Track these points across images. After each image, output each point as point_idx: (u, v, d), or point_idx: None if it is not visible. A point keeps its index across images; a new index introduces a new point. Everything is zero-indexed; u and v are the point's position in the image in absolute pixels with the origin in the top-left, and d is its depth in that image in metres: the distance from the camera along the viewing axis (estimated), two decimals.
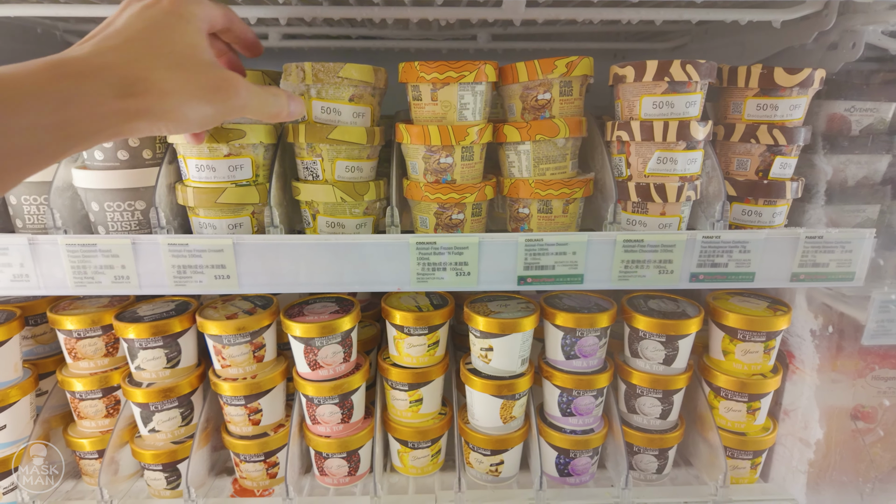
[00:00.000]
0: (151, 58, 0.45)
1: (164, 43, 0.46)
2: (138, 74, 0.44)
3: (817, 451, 0.84)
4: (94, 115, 0.42)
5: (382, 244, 0.69)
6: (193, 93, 0.47)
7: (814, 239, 0.70)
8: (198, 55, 0.49)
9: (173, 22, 0.48)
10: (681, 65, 0.67)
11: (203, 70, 0.49)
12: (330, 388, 0.84)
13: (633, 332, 0.86)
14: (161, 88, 0.45)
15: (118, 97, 0.43)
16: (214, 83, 0.49)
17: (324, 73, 0.66)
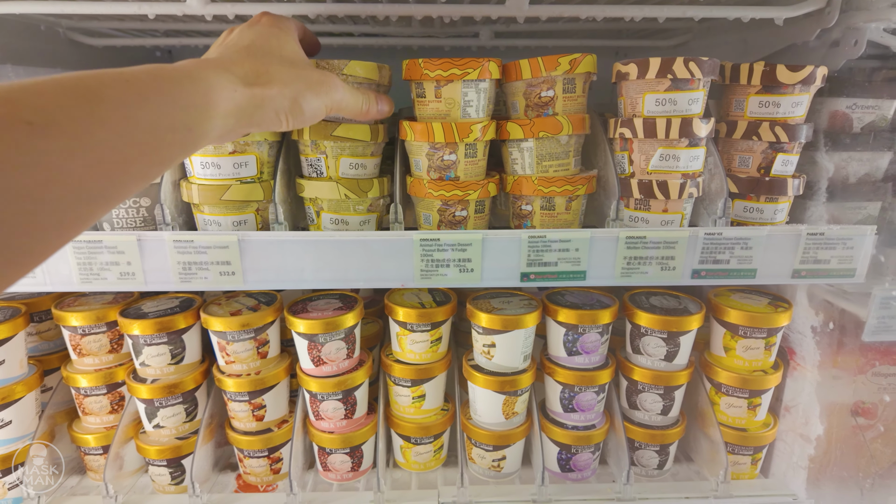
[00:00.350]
0: (269, 58, 0.52)
1: (273, 48, 0.54)
2: (261, 69, 0.50)
3: (818, 447, 0.85)
4: (229, 102, 0.46)
5: (386, 241, 0.69)
6: (307, 86, 0.54)
7: (815, 236, 0.70)
8: (300, 57, 0.57)
9: (276, 33, 0.56)
10: (683, 62, 0.68)
11: (308, 68, 0.56)
12: (333, 384, 0.84)
13: (634, 329, 0.87)
14: (281, 80, 0.51)
15: (247, 85, 0.48)
16: (319, 79, 0.56)
17: (328, 70, 0.67)
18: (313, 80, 0.55)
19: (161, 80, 0.41)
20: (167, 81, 0.41)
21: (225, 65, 0.48)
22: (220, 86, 0.45)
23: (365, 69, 0.68)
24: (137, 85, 0.38)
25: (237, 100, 0.47)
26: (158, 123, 0.39)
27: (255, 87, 0.49)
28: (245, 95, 0.47)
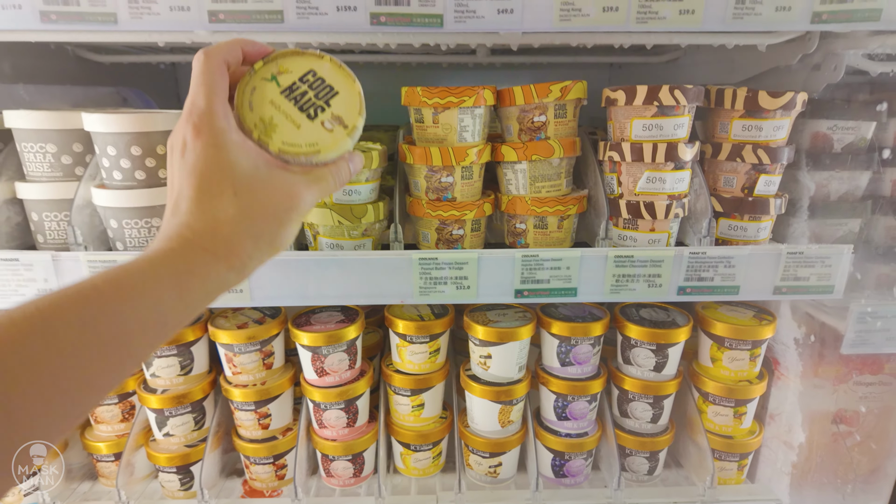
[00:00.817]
0: (224, 210, 0.44)
1: (224, 188, 0.44)
2: (227, 231, 0.44)
3: (800, 454, 0.88)
4: (207, 284, 0.43)
5: (387, 260, 0.73)
6: (277, 222, 0.46)
7: (795, 255, 0.74)
8: (253, 186, 0.45)
9: (216, 156, 0.45)
10: (669, 90, 0.71)
11: (268, 186, 0.46)
12: (336, 394, 0.88)
13: (625, 341, 0.90)
14: (252, 233, 0.45)
15: (221, 259, 0.43)
16: (286, 201, 0.46)
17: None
18: (278, 209, 0.46)
19: (122, 285, 0.39)
20: (129, 286, 0.39)
21: (183, 249, 0.42)
22: (184, 275, 0.41)
23: (338, 148, 0.52)
24: (97, 299, 0.37)
25: (213, 280, 0.43)
26: (126, 331, 0.38)
27: (227, 257, 0.43)
28: (219, 273, 0.43)
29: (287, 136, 0.49)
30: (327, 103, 0.51)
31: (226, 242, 0.43)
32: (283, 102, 0.50)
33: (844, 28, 0.67)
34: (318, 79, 0.51)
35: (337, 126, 0.51)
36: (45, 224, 0.78)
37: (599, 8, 0.64)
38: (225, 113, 0.46)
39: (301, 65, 0.51)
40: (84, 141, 0.78)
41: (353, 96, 0.52)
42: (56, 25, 0.62)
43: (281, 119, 0.49)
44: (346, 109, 0.51)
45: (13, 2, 0.61)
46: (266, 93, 0.50)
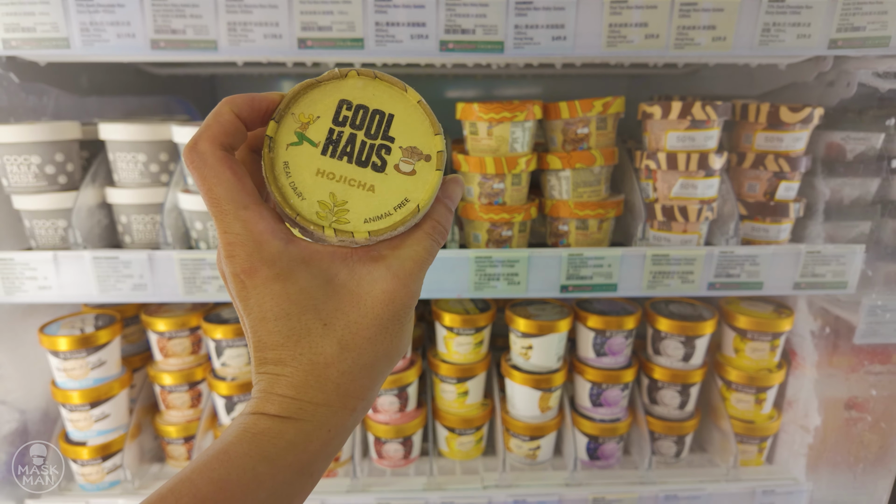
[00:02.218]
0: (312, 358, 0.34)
1: (302, 329, 0.34)
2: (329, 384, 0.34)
3: (815, 437, 0.97)
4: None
5: (446, 258, 0.81)
6: (387, 352, 0.35)
7: (813, 253, 0.82)
8: (342, 300, 0.34)
9: (280, 295, 0.33)
10: (701, 106, 0.79)
11: (367, 313, 0.34)
12: (390, 381, 0.96)
13: (655, 333, 0.98)
14: (367, 387, 0.35)
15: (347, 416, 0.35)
16: (388, 316, 0.35)
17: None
18: (382, 315, 0.34)
19: (231, 487, 0.31)
20: (241, 486, 0.31)
21: (297, 402, 0.33)
22: (303, 443, 0.33)
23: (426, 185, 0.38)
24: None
25: (330, 442, 0.34)
26: None
27: (340, 411, 0.34)
28: (336, 432, 0.34)
29: (367, 210, 0.35)
30: (387, 137, 0.36)
31: (337, 387, 0.34)
32: (332, 166, 0.35)
33: (857, 53, 0.75)
34: (358, 108, 0.36)
35: (417, 161, 0.36)
36: (134, 226, 0.87)
37: (643, 35, 0.72)
38: (271, 230, 0.33)
39: (325, 99, 0.35)
40: (169, 150, 0.86)
41: (415, 111, 0.36)
42: (163, 52, 0.70)
43: (344, 191, 0.35)
44: (416, 132, 0.36)
45: (128, 31, 0.69)
46: (303, 164, 0.35)
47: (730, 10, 0.72)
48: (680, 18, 0.72)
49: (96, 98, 1.12)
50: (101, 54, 0.70)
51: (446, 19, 0.71)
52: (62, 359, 0.89)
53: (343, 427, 0.34)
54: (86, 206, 0.83)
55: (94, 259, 0.79)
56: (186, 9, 0.69)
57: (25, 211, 0.83)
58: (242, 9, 0.69)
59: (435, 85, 1.43)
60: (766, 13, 0.72)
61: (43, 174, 0.81)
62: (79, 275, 0.79)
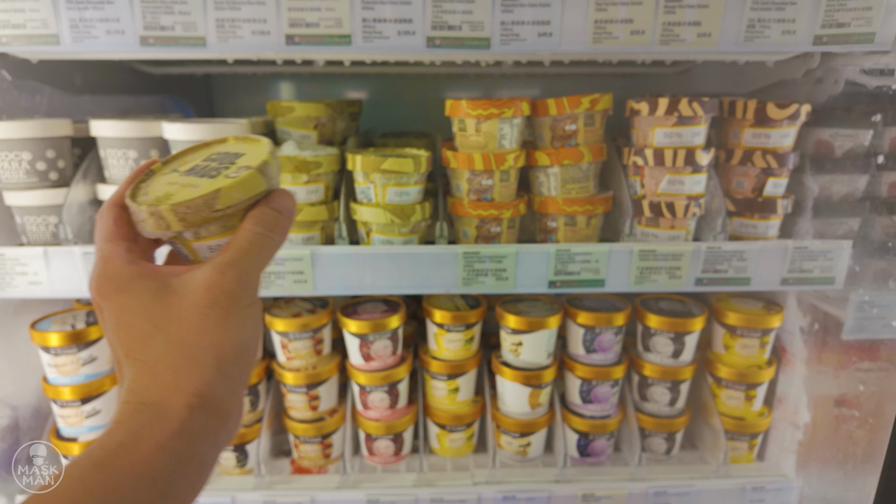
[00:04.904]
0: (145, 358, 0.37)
1: (138, 335, 0.37)
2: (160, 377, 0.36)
3: (805, 433, 0.97)
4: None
5: (435, 254, 0.81)
6: (209, 348, 0.37)
7: (800, 249, 0.82)
8: (168, 304, 0.37)
9: (119, 305, 0.38)
10: (688, 102, 0.80)
11: (188, 311, 0.37)
12: (380, 377, 0.96)
13: (645, 329, 0.99)
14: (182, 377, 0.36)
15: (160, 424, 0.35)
16: (212, 311, 0.37)
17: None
18: (205, 310, 0.37)
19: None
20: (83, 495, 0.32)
21: (134, 405, 0.35)
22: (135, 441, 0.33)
23: (250, 186, 0.41)
24: None
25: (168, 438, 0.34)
26: None
27: (172, 403, 0.35)
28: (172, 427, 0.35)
29: (180, 197, 0.40)
30: (232, 162, 0.44)
31: (167, 383, 0.36)
32: (181, 180, 0.43)
33: (842, 49, 0.75)
34: (221, 155, 0.46)
35: (242, 170, 0.42)
36: None
37: (628, 32, 0.72)
38: (120, 255, 0.39)
39: (202, 153, 0.47)
40: (160, 147, 0.86)
41: (263, 149, 0.45)
42: (153, 49, 0.71)
43: (177, 190, 0.41)
44: (253, 158, 0.43)
45: (117, 27, 0.70)
46: (163, 181, 0.44)
47: (715, 6, 0.72)
48: (665, 14, 0.72)
49: (90, 97, 1.13)
50: (90, 51, 0.71)
51: (433, 16, 0.71)
52: (53, 355, 0.89)
53: (184, 427, 0.34)
54: (77, 202, 0.83)
55: (85, 255, 0.79)
56: (175, 5, 0.69)
57: (16, 207, 0.83)
58: (230, 5, 0.70)
59: (427, 85, 1.43)
60: (751, 9, 0.72)
61: (34, 170, 0.82)
62: (69, 270, 0.79)
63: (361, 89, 1.49)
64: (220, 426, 0.37)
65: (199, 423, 0.35)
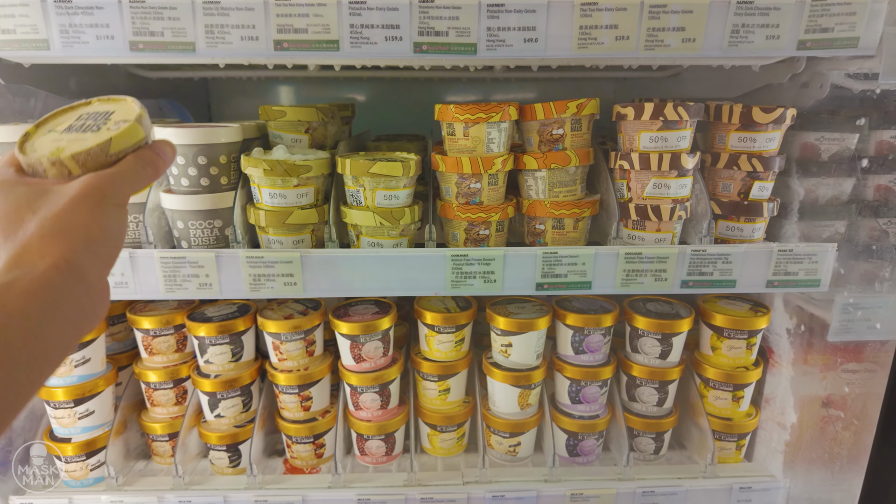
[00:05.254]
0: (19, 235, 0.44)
1: (14, 218, 0.45)
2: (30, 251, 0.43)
3: (792, 434, 0.98)
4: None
5: (423, 257, 0.82)
6: (80, 231, 0.45)
7: (785, 252, 0.83)
8: (48, 199, 0.46)
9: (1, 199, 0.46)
10: (673, 107, 0.81)
11: (61, 202, 0.46)
12: (372, 378, 0.97)
13: (633, 331, 0.99)
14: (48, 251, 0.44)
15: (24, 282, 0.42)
16: (81, 202, 0.46)
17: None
18: (81, 203, 0.46)
19: None
20: None
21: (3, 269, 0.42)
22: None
23: (130, 136, 0.53)
24: None
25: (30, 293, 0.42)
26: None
27: (40, 267, 0.42)
28: (35, 284, 0.42)
29: (76, 147, 0.49)
30: (107, 119, 0.53)
31: (33, 256, 0.43)
32: (64, 137, 0.51)
33: (826, 54, 0.76)
34: (92, 114, 0.55)
35: (121, 124, 0.52)
36: None
37: (613, 37, 0.73)
38: (12, 172, 0.49)
39: (71, 115, 0.55)
40: None
41: (129, 105, 0.55)
42: (142, 54, 0.71)
43: (66, 144, 0.50)
44: (126, 114, 0.53)
45: (107, 32, 0.71)
46: (46, 140, 0.52)
47: (699, 11, 0.73)
48: (650, 20, 0.73)
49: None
50: (80, 56, 0.72)
51: (420, 22, 0.72)
52: None
53: (50, 282, 0.42)
54: None
55: None
56: (164, 11, 0.70)
57: None
58: (219, 11, 0.70)
59: (420, 88, 1.44)
60: (735, 14, 0.73)
61: None
62: None
63: (355, 92, 1.50)
64: (84, 292, 0.45)
65: (65, 283, 0.43)
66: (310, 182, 0.83)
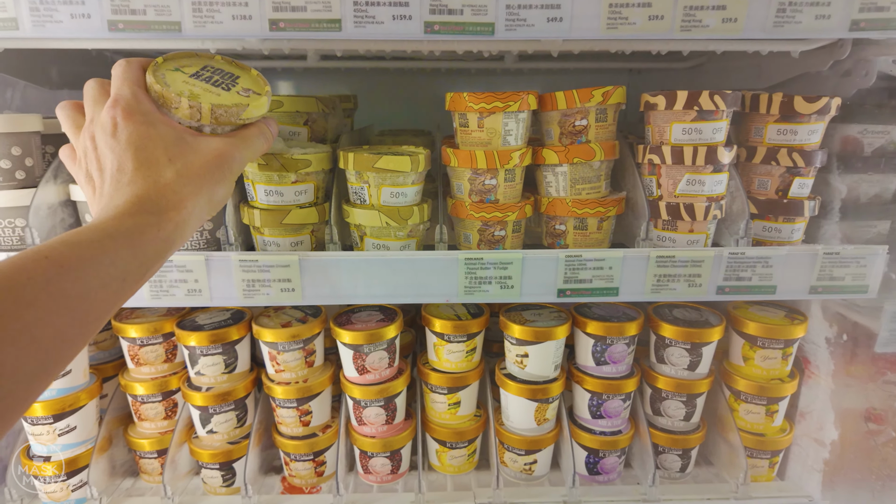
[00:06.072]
0: (161, 169, 0.50)
1: (158, 153, 0.51)
2: (166, 189, 0.50)
3: (832, 451, 0.90)
4: (153, 242, 0.48)
5: (434, 260, 0.75)
6: (211, 178, 0.53)
7: (831, 255, 0.76)
8: (185, 152, 0.52)
9: (146, 129, 0.51)
10: (709, 95, 0.73)
11: (198, 149, 0.53)
12: (376, 391, 0.90)
13: (659, 340, 0.92)
14: (188, 190, 0.51)
15: (164, 218, 0.49)
16: (216, 159, 0.54)
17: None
18: (210, 169, 0.53)
19: (79, 246, 0.43)
20: (85, 247, 0.43)
21: (131, 212, 0.47)
22: (136, 234, 0.46)
23: (259, 108, 0.60)
24: (57, 259, 0.41)
25: (162, 238, 0.48)
26: (88, 287, 0.42)
27: (169, 216, 0.49)
28: (165, 229, 0.48)
29: (214, 99, 0.55)
30: (234, 82, 0.59)
31: (168, 203, 0.49)
32: (195, 83, 0.57)
33: (881, 36, 0.69)
34: (217, 69, 0.60)
35: (251, 94, 0.59)
36: None
37: (646, 17, 0.66)
38: (148, 99, 0.54)
39: (196, 62, 0.60)
40: None
41: (254, 77, 0.62)
42: (122, 34, 0.64)
43: (200, 91, 0.56)
44: (253, 84, 0.60)
45: (82, 10, 0.63)
46: (177, 78, 0.57)
47: None
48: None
49: (69, 92, 1.06)
50: (53, 37, 0.64)
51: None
52: None
53: (164, 234, 0.49)
54: (46, 203, 0.77)
55: None
56: None
57: None
58: None
59: (425, 80, 1.37)
60: None
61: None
62: None
63: (357, 85, 1.42)
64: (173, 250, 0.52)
65: (179, 238, 0.51)
66: (309, 178, 0.75)
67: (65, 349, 0.41)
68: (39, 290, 0.39)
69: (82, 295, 0.41)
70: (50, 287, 0.39)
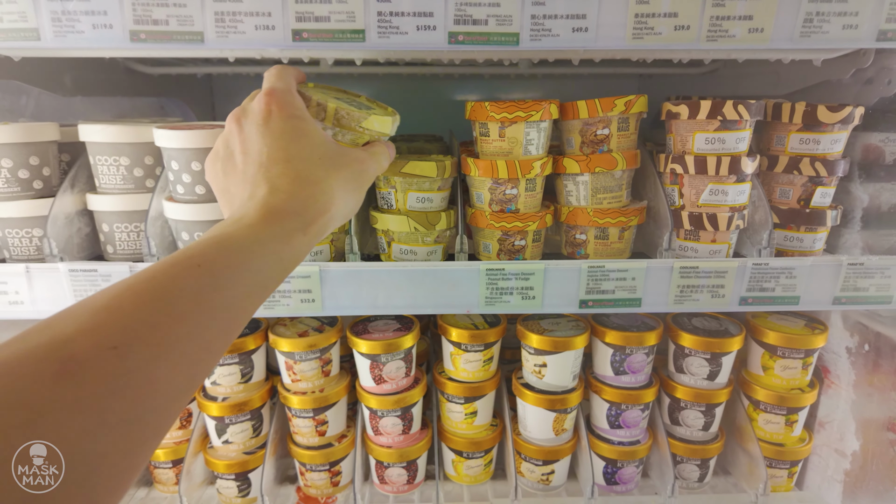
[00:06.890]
0: (309, 174, 0.49)
1: (306, 154, 0.49)
2: (309, 196, 0.48)
3: (853, 462, 0.89)
4: (297, 248, 0.46)
5: (455, 270, 0.74)
6: (351, 188, 0.53)
7: (855, 266, 0.75)
8: (329, 149, 0.52)
9: (296, 129, 0.50)
10: (733, 105, 0.73)
11: (341, 160, 0.52)
12: (393, 401, 0.89)
13: (678, 349, 0.91)
14: (332, 198, 0.50)
15: (308, 222, 0.47)
16: (358, 169, 0.54)
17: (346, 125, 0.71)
18: (353, 174, 0.53)
19: (230, 252, 0.41)
20: (235, 252, 0.41)
21: (280, 213, 0.46)
22: (284, 239, 0.45)
23: (381, 124, 0.60)
24: (209, 268, 0.39)
25: (305, 242, 0.47)
26: (235, 295, 0.40)
27: (316, 219, 0.48)
28: (310, 234, 0.47)
29: (339, 105, 0.57)
30: (370, 109, 0.62)
31: (317, 206, 0.48)
32: (340, 103, 0.58)
33: None
34: (357, 102, 0.64)
35: (385, 115, 0.62)
36: (116, 235, 0.80)
37: (672, 27, 0.65)
38: (300, 99, 0.53)
39: (342, 94, 0.64)
40: (154, 153, 0.79)
41: (388, 111, 0.65)
42: (144, 45, 0.63)
43: (335, 103, 0.57)
44: (382, 112, 0.63)
45: (104, 21, 0.63)
46: (317, 91, 0.60)
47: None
48: (714, 8, 0.65)
49: (82, 98, 1.05)
50: (75, 47, 0.64)
51: (455, 9, 0.64)
52: None
53: (307, 240, 0.47)
54: (63, 213, 0.76)
55: (71, 272, 0.72)
56: None
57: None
58: None
59: (439, 86, 1.36)
60: (810, 1, 0.65)
61: (15, 179, 0.74)
62: (53, 289, 0.72)
63: (371, 91, 1.42)
64: (321, 234, 0.50)
65: (313, 243, 0.49)
66: None
67: (210, 363, 0.39)
68: (191, 302, 0.37)
69: (229, 305, 0.40)
70: (201, 299, 0.38)
